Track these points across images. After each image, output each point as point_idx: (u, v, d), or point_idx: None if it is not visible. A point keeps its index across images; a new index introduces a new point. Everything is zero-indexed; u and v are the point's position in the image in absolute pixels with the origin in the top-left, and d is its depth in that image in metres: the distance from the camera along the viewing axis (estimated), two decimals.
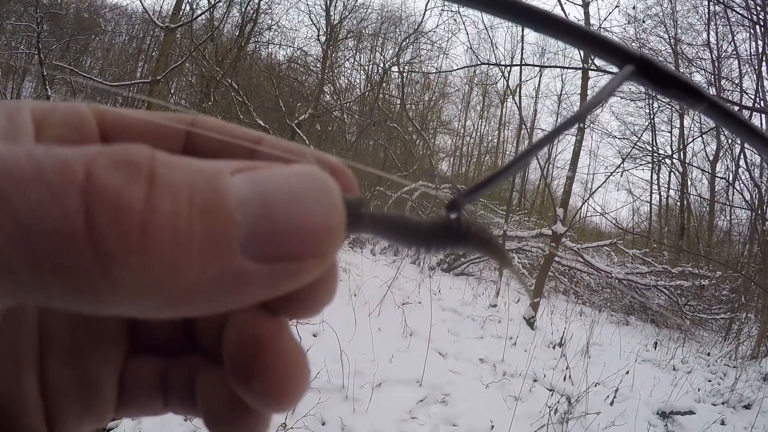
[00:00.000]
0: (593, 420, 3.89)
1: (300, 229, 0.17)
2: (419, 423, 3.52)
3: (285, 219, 0.16)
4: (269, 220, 0.16)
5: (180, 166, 0.16)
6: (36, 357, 0.23)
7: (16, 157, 0.14)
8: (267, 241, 0.16)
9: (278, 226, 0.16)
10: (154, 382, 0.26)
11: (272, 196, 0.16)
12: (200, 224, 0.15)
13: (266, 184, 0.17)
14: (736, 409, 5.10)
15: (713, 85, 11.11)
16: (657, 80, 0.26)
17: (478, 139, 22.82)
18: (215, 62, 9.07)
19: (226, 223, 0.16)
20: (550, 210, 9.06)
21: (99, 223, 0.14)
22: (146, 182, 0.15)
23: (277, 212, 0.16)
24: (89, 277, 0.15)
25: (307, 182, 0.17)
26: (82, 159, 0.15)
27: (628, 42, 11.49)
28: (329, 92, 12.75)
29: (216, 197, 0.16)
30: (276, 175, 0.17)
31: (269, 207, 0.16)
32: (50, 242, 0.14)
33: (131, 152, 0.16)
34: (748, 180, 10.41)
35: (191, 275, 0.15)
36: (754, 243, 10.66)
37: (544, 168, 12.95)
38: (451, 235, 0.22)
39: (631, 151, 11.76)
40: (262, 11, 11.12)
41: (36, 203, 0.14)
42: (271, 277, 0.17)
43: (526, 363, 4.70)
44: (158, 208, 0.15)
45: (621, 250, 9.84)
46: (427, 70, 14.59)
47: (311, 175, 0.18)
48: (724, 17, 10.80)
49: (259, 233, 0.16)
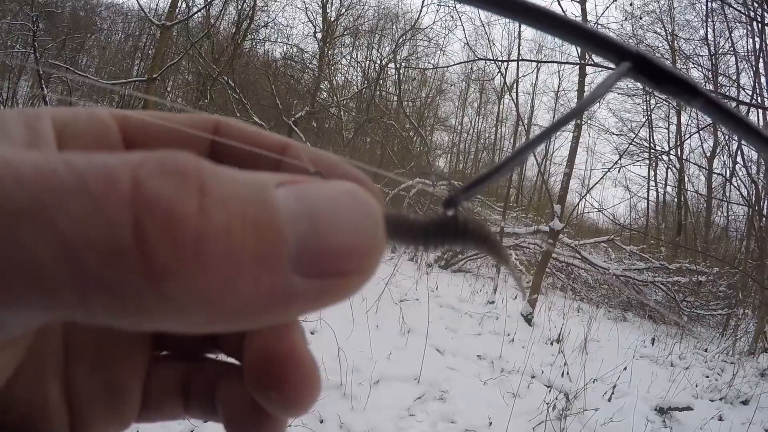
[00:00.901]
0: (591, 416, 3.90)
1: (346, 247, 0.16)
2: (417, 420, 3.53)
3: (332, 237, 0.16)
4: (317, 237, 0.16)
5: (227, 177, 0.15)
6: (61, 365, 0.23)
7: (54, 166, 0.14)
8: (315, 258, 0.16)
9: (326, 244, 0.16)
10: (176, 388, 0.26)
11: (320, 213, 0.16)
12: (254, 239, 0.15)
13: (313, 201, 0.16)
14: (734, 404, 5.11)
15: (710, 81, 11.13)
16: (654, 77, 0.26)
17: (475, 135, 22.84)
18: (212, 60, 9.05)
19: (278, 238, 0.15)
20: (548, 206, 9.09)
21: (150, 236, 0.13)
22: (199, 192, 0.14)
23: (325, 229, 0.16)
24: (138, 293, 0.14)
25: (352, 201, 0.17)
26: (127, 167, 0.14)
27: (625, 38, 11.50)
28: (326, 89, 12.75)
29: (267, 211, 0.15)
30: (322, 192, 0.17)
31: (317, 224, 0.16)
32: (96, 258, 0.13)
33: (179, 160, 0.15)
34: (745, 176, 10.44)
35: (243, 291, 0.15)
36: (751, 239, 10.70)
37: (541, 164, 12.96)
38: (449, 231, 0.22)
39: (629, 148, 11.81)
40: (259, 8, 11.11)
41: (79, 216, 0.13)
42: (317, 292, 0.16)
43: (524, 359, 4.71)
44: (213, 221, 0.14)
45: (618, 247, 9.85)
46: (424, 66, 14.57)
47: (356, 194, 0.17)
48: (721, 14, 10.83)
49: (307, 250, 0.16)
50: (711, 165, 12.67)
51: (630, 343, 6.65)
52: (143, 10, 7.54)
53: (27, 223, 0.13)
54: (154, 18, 8.20)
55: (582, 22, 0.23)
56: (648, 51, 0.50)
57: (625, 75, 0.26)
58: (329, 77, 12.44)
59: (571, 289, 10.21)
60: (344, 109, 12.13)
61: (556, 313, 7.39)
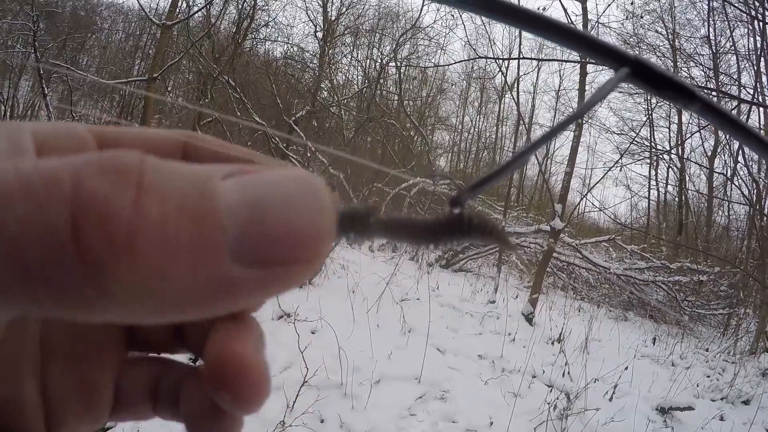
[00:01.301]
0: (592, 416, 3.90)
1: (289, 234, 0.16)
2: (418, 420, 3.53)
3: (274, 224, 0.16)
4: (258, 225, 0.16)
5: (171, 171, 0.16)
6: (37, 363, 0.24)
7: (3, 172, 0.15)
8: (256, 246, 0.16)
9: (267, 231, 0.16)
10: (146, 389, 0.27)
11: (262, 201, 0.16)
12: (189, 230, 0.15)
13: (256, 188, 0.17)
14: (735, 404, 5.11)
15: (711, 80, 11.13)
16: (651, 82, 0.27)
17: (476, 135, 22.85)
18: (212, 59, 9.05)
19: (215, 229, 0.16)
20: (549, 206, 9.08)
21: (85, 233, 0.14)
22: (135, 188, 0.15)
23: (267, 217, 0.16)
24: (78, 287, 0.15)
25: (297, 186, 0.17)
26: (69, 169, 0.15)
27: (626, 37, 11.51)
28: (327, 89, 12.76)
29: (205, 203, 0.16)
30: (267, 179, 0.17)
31: (259, 212, 0.16)
32: (38, 255, 0.14)
33: (120, 158, 0.15)
34: (746, 175, 10.43)
35: (180, 282, 0.15)
36: (753, 238, 10.70)
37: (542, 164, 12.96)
38: (457, 228, 0.22)
39: (630, 147, 11.79)
40: (259, 8, 11.10)
41: (23, 217, 0.14)
42: (260, 282, 0.17)
43: (524, 359, 4.71)
44: (146, 215, 0.15)
45: (619, 246, 9.84)
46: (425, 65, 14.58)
47: (302, 179, 0.17)
48: (722, 13, 10.82)
49: (248, 238, 0.16)
50: (712, 164, 12.68)
51: (631, 342, 6.65)
52: (144, 10, 7.54)
53: None
54: (155, 17, 8.20)
55: (581, 28, 0.23)
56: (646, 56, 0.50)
57: (624, 80, 0.26)
58: (330, 76, 12.44)
59: (572, 289, 10.22)
60: (345, 108, 12.13)
61: (557, 312, 7.39)
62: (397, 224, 0.22)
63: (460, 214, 0.22)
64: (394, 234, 0.22)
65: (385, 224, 0.22)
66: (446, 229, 0.22)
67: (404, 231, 0.22)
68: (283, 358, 3.99)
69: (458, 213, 0.22)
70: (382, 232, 0.22)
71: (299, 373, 3.50)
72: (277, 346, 4.27)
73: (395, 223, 0.22)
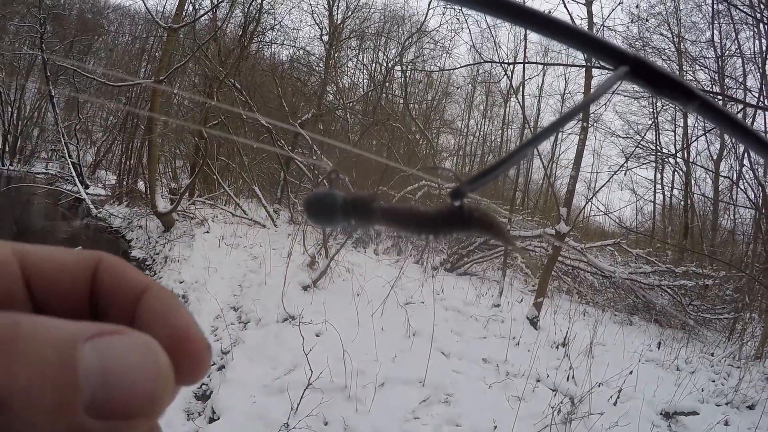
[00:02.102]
0: (596, 420, 3.89)
1: (128, 396, 0.20)
2: (422, 423, 3.53)
3: (118, 388, 0.20)
4: (106, 388, 0.20)
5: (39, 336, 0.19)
6: None
7: None
8: (103, 405, 0.20)
9: (112, 394, 0.20)
10: None
11: (110, 368, 0.20)
12: (50, 394, 0.19)
13: (107, 356, 0.20)
14: (740, 409, 5.09)
15: (716, 83, 11.10)
16: (650, 80, 0.27)
17: (481, 138, 22.83)
18: (218, 62, 9.08)
19: (72, 392, 0.19)
20: (554, 209, 9.07)
21: None
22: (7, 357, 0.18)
23: (112, 382, 0.20)
24: None
25: (139, 356, 0.21)
26: None
27: (631, 40, 11.50)
28: (332, 92, 12.78)
29: (66, 373, 0.19)
30: (117, 347, 0.21)
31: (106, 377, 0.20)
32: None
33: None
34: (752, 179, 10.39)
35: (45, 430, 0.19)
36: (758, 242, 10.64)
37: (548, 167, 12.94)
38: (457, 220, 0.23)
39: (635, 151, 11.76)
40: (265, 11, 11.14)
41: None
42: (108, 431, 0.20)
43: (529, 363, 4.70)
44: (16, 384, 0.18)
45: (624, 250, 9.81)
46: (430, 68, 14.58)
47: (144, 348, 0.21)
48: (727, 15, 10.79)
49: (98, 398, 0.19)
50: (718, 168, 12.63)
51: (636, 347, 6.63)
52: (150, 13, 7.59)
53: None
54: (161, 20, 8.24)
55: (582, 27, 0.24)
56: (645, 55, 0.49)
57: (623, 78, 0.26)
58: (335, 80, 12.47)
59: (577, 293, 10.19)
60: (350, 111, 12.15)
61: (561, 316, 7.37)
62: (399, 213, 0.22)
63: (461, 206, 0.22)
64: (396, 222, 0.22)
65: (388, 212, 0.22)
66: (447, 220, 0.22)
67: (406, 220, 0.22)
68: (288, 360, 4.00)
69: (459, 205, 0.22)
70: (384, 219, 0.22)
71: (303, 375, 3.50)
72: (282, 348, 4.27)
73: (397, 212, 0.23)
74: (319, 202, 0.23)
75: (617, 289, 9.79)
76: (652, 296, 9.17)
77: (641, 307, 9.65)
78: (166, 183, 10.83)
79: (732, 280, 9.41)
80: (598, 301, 9.97)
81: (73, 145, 12.79)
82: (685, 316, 8.87)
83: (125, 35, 19.81)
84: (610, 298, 10.09)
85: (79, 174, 12.19)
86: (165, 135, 10.79)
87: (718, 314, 9.32)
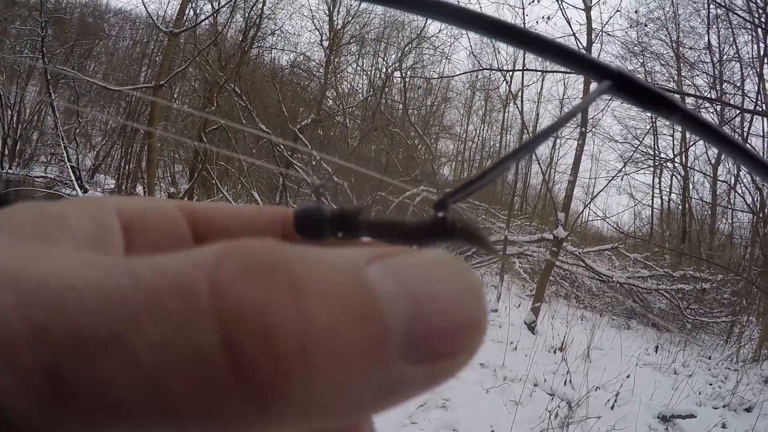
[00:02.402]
0: (594, 424, 3.90)
1: (452, 326, 0.15)
2: (419, 428, 3.53)
3: (437, 317, 0.15)
4: (421, 320, 0.14)
5: (316, 263, 0.14)
6: None
7: (121, 284, 0.12)
8: (422, 344, 0.14)
9: (431, 326, 0.14)
10: None
11: (419, 292, 0.15)
12: (359, 334, 0.13)
13: (408, 278, 0.15)
14: (737, 412, 5.09)
15: (714, 88, 11.13)
16: (633, 94, 0.28)
17: (480, 143, 22.83)
18: (218, 67, 9.10)
19: (382, 330, 0.14)
20: (552, 214, 9.08)
21: (246, 355, 0.12)
22: (292, 291, 0.13)
23: (428, 310, 0.15)
24: (240, 414, 0.12)
25: (449, 274, 0.16)
26: (202, 273, 0.13)
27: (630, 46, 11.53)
28: (332, 97, 12.80)
29: (368, 300, 0.14)
30: (416, 266, 0.15)
31: (418, 306, 0.14)
32: (186, 386, 0.12)
33: (261, 252, 0.13)
34: (750, 183, 10.40)
35: (353, 391, 0.14)
36: (756, 246, 10.66)
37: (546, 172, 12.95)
38: (440, 231, 0.23)
39: (633, 155, 11.77)
40: (266, 16, 11.16)
41: (159, 343, 0.12)
42: (427, 378, 0.15)
43: (526, 367, 4.71)
44: (315, 325, 0.13)
45: (622, 254, 9.81)
46: (430, 75, 14.61)
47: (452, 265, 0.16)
48: (725, 20, 10.82)
49: (413, 335, 0.14)
50: (715, 172, 12.63)
51: (633, 350, 6.64)
52: (151, 17, 7.62)
53: (100, 356, 0.12)
54: (162, 25, 8.27)
55: (566, 43, 0.25)
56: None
57: (606, 92, 0.28)
58: (335, 85, 12.49)
59: (575, 297, 10.19)
60: (350, 117, 12.16)
61: (559, 321, 7.38)
62: (384, 225, 0.24)
63: (444, 218, 0.23)
64: (382, 234, 0.24)
65: (373, 225, 0.24)
66: (430, 231, 0.24)
67: (391, 232, 0.24)
68: None
69: (442, 216, 0.23)
70: (370, 232, 0.24)
71: None
72: None
73: (382, 224, 0.24)
74: (308, 218, 0.24)
75: (615, 293, 9.80)
76: (650, 302, 9.18)
77: (639, 311, 9.65)
78: (165, 188, 10.84)
79: (729, 283, 9.43)
80: (595, 305, 9.98)
81: (72, 148, 12.78)
82: (681, 322, 8.88)
83: (126, 39, 19.84)
84: (608, 303, 10.10)
85: (78, 178, 12.16)
86: (164, 140, 10.80)
87: (715, 318, 9.33)
